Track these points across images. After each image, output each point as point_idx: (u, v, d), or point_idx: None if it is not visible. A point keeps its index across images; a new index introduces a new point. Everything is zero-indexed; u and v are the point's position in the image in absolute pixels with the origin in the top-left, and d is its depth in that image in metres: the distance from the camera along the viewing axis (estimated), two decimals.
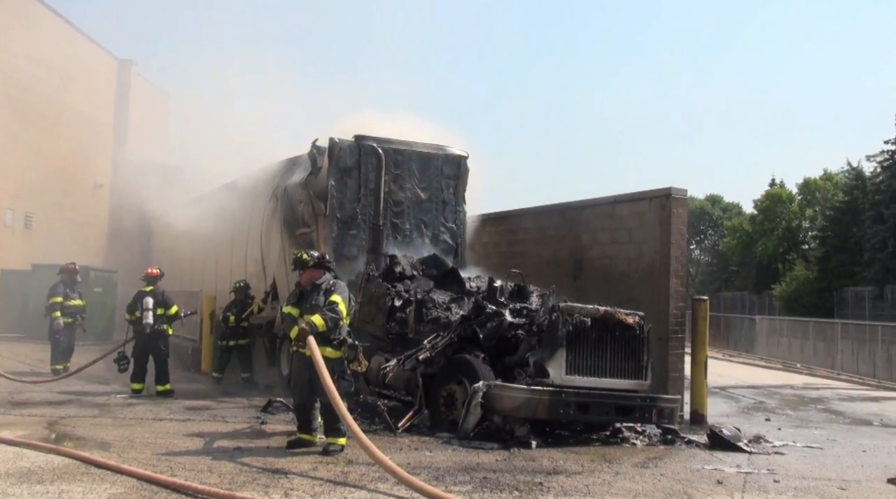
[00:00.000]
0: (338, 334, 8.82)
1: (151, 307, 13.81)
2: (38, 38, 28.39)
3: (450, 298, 12.33)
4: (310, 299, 8.99)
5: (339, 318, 8.76)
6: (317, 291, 9.01)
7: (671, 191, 13.29)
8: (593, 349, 10.25)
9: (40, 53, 28.50)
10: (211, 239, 20.33)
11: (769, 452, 10.04)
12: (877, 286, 39.67)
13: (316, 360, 8.36)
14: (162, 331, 13.97)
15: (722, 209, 70.61)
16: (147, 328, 13.70)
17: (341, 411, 8.09)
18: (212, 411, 11.67)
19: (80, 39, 32.15)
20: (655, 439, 10.62)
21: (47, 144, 28.51)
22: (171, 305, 14.25)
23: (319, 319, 8.65)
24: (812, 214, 53.82)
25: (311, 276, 9.15)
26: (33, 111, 28.16)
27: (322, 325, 8.64)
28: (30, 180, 27.76)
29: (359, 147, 14.25)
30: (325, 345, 8.69)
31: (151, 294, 13.98)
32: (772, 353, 33.15)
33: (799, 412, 15.22)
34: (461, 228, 15.43)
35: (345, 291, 9.08)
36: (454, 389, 10.32)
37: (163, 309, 13.98)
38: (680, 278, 13.26)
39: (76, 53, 31.40)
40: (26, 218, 28.17)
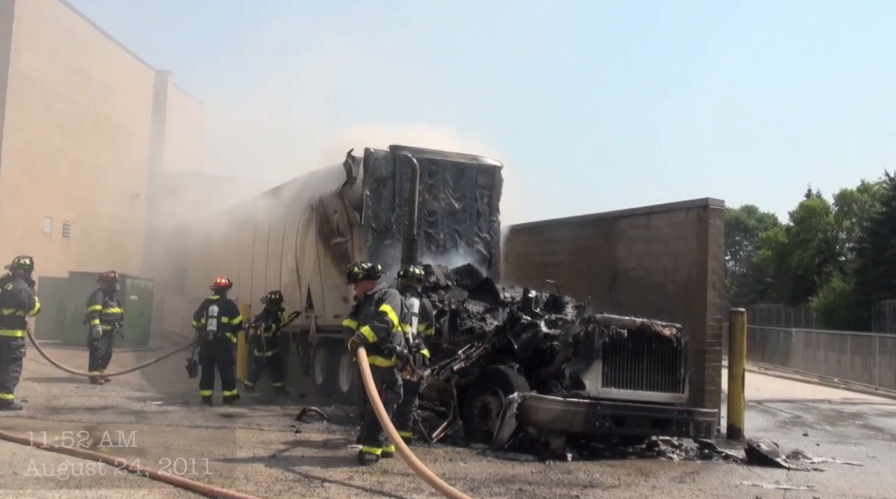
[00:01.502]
0: (388, 343, 8.86)
1: (216, 315, 14.08)
2: (79, 51, 28.87)
3: (484, 308, 12.29)
4: (364, 310, 9.08)
5: (388, 327, 8.81)
6: (369, 302, 9.12)
7: (708, 202, 13.16)
8: (630, 361, 10.16)
9: (79, 65, 28.96)
10: (246, 248, 20.49)
11: (808, 468, 9.86)
12: None
13: (361, 369, 8.45)
14: (226, 339, 14.19)
15: (757, 220, 69.83)
16: (210, 335, 13.97)
17: (383, 421, 8.11)
18: (247, 419, 11.71)
19: (119, 52, 32.70)
20: (692, 454, 10.49)
21: (85, 154, 28.93)
22: (236, 314, 14.52)
23: (368, 329, 8.74)
24: (849, 226, 53.03)
25: (363, 287, 9.33)
26: (72, 121, 28.61)
27: (371, 335, 8.72)
28: (68, 189, 28.18)
29: (394, 157, 14.26)
30: (376, 354, 8.78)
31: (217, 303, 14.26)
32: (808, 366, 32.62)
33: (837, 428, 14.96)
34: (495, 238, 15.39)
35: (395, 300, 9.12)
36: (489, 399, 10.29)
37: (227, 318, 14.22)
38: (717, 290, 13.12)
39: (115, 65, 31.93)
40: (64, 226, 28.58)
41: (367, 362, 8.51)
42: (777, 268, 57.38)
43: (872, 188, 52.11)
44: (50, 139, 27.16)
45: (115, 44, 32.19)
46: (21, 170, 25.56)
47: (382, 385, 8.61)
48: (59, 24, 28.05)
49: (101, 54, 30.65)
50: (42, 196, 26.80)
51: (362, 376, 8.41)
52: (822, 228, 53.23)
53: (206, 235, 26.44)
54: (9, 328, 11.93)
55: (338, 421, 11.62)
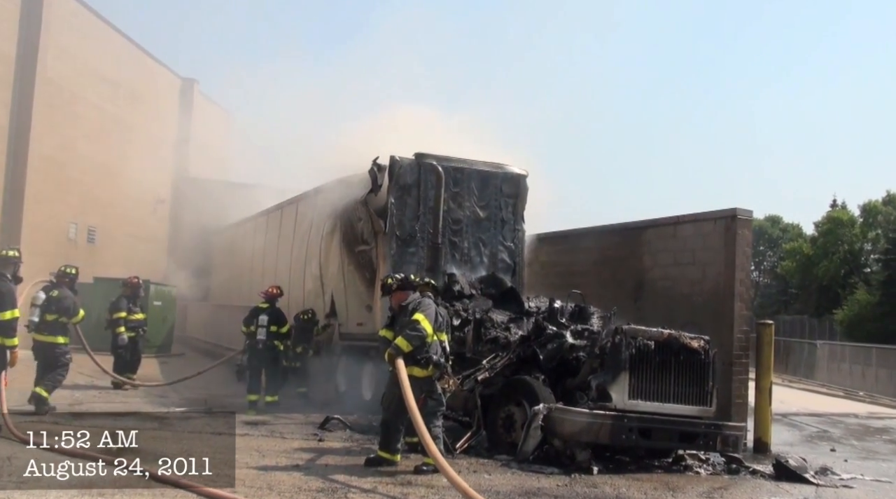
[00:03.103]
0: (424, 353, 8.80)
1: (266, 324, 14.22)
2: (105, 58, 29.06)
3: (508, 318, 12.18)
4: (399, 321, 9.08)
5: (422, 335, 8.78)
6: (404, 312, 9.09)
7: (736, 212, 12.98)
8: (657, 374, 9.99)
9: (105, 72, 29.15)
10: (270, 255, 20.52)
11: (837, 485, 9.66)
12: None
13: (400, 380, 8.43)
14: (274, 347, 14.33)
15: (781, 230, 69.20)
16: (259, 344, 14.15)
17: (420, 431, 8.09)
18: (269, 427, 11.65)
19: (146, 59, 32.87)
20: (719, 468, 10.29)
21: (111, 160, 29.08)
22: (285, 323, 14.62)
23: (402, 340, 8.72)
24: (874, 237, 52.47)
25: (398, 298, 9.32)
26: (99, 128, 28.77)
27: (405, 345, 8.70)
28: (93, 195, 28.34)
29: (419, 165, 14.20)
30: (413, 364, 8.73)
31: (267, 312, 14.38)
32: (832, 379, 32.22)
33: (864, 443, 14.69)
34: (519, 247, 15.26)
35: (429, 309, 9.06)
36: (513, 410, 10.18)
37: (276, 327, 14.34)
38: (744, 302, 12.93)
39: (141, 72, 32.10)
40: (89, 232, 28.72)
41: (405, 373, 8.47)
42: (801, 279, 56.86)
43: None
44: (76, 146, 27.32)
45: (141, 51, 32.37)
46: (47, 176, 25.71)
47: (421, 395, 8.55)
48: (87, 31, 28.24)
49: (128, 61, 30.82)
50: (68, 202, 26.94)
51: (401, 386, 8.37)
52: (847, 240, 52.71)
53: (229, 242, 26.53)
54: (51, 334, 12.09)
55: (361, 429, 11.54)
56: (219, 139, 38.34)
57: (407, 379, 8.39)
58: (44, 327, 12.09)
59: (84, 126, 27.71)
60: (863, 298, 45.24)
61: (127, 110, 30.53)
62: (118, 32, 30.46)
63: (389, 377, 8.95)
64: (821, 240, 54.84)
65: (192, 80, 36.56)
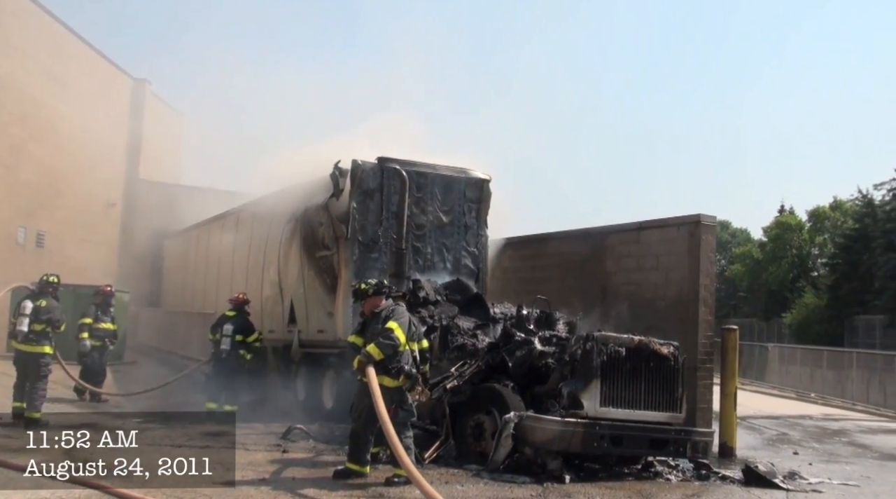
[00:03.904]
0: (396, 363, 8.54)
1: (230, 334, 13.89)
2: (53, 56, 28.29)
3: (475, 324, 12.00)
4: (371, 328, 8.79)
5: (395, 344, 8.52)
6: (376, 319, 8.81)
7: (700, 218, 12.97)
8: (628, 380, 9.90)
9: (55, 71, 28.38)
10: (226, 260, 20.07)
11: (806, 489, 9.67)
12: (888, 315, 39.26)
13: (371, 389, 8.17)
14: (238, 356, 13.97)
15: (730, 234, 70.23)
16: (223, 353, 13.83)
17: (392, 442, 7.88)
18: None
19: (97, 59, 32.07)
20: (689, 474, 10.24)
21: (60, 162, 28.32)
22: (252, 332, 14.26)
23: (374, 348, 8.46)
24: (822, 242, 53.47)
25: (371, 304, 9.00)
26: (47, 128, 27.97)
27: (377, 354, 8.43)
28: (42, 198, 27.54)
29: (381, 169, 13.96)
30: (384, 374, 8.47)
31: (233, 320, 14.05)
32: (783, 381, 32.65)
33: (825, 445, 14.81)
34: (483, 252, 15.11)
35: (403, 318, 8.82)
36: (482, 419, 9.99)
37: (241, 336, 13.99)
38: (709, 307, 12.92)
39: (92, 71, 31.29)
40: (38, 236, 27.91)
41: (376, 382, 8.22)
42: (750, 283, 57.71)
43: (844, 205, 52.62)
44: (25, 147, 26.51)
45: (93, 50, 31.58)
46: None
47: (391, 405, 8.29)
48: (37, 28, 27.45)
49: (78, 61, 30.03)
50: (16, 205, 26.10)
51: (372, 396, 8.12)
52: (795, 244, 53.63)
53: (183, 247, 25.97)
54: (39, 345, 11.98)
55: (324, 439, 11.29)
56: (172, 141, 37.63)
57: (378, 388, 8.14)
58: (32, 337, 11.97)
59: (33, 127, 26.90)
60: (811, 302, 46.06)
61: (77, 111, 29.74)
62: (69, 31, 29.68)
63: (358, 387, 8.69)
64: (770, 245, 55.74)
65: (144, 81, 35.77)
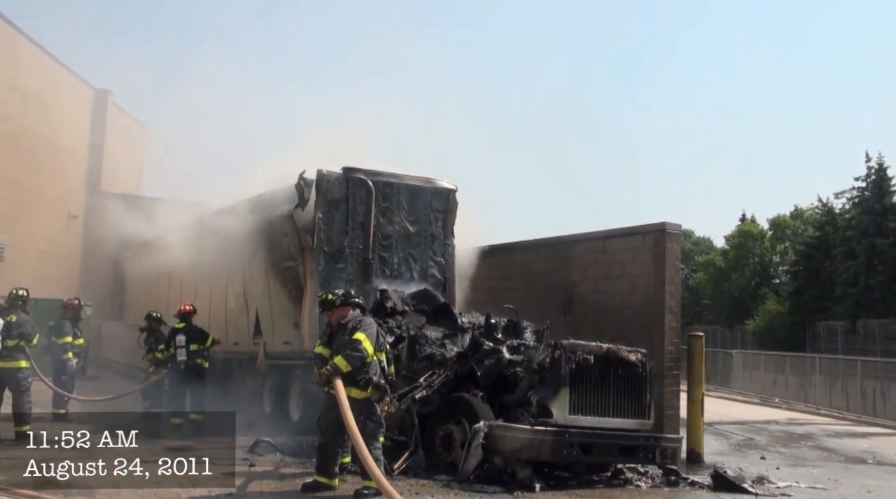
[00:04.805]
0: (364, 374, 8.43)
1: (184, 344, 13.68)
2: (14, 66, 27.87)
3: (443, 334, 11.93)
4: (338, 339, 8.65)
5: (363, 356, 8.40)
6: (343, 330, 8.67)
7: (665, 226, 13.12)
8: (596, 388, 9.89)
9: (15, 81, 27.95)
10: (189, 273, 19.78)
11: (775, 494, 9.73)
12: (849, 321, 39.84)
13: (340, 401, 8.05)
14: (197, 366, 13.78)
15: (693, 243, 70.92)
16: (181, 365, 13.59)
17: (362, 453, 7.79)
18: (196, 453, 11.04)
19: (57, 68, 31.67)
20: (658, 481, 10.24)
21: (21, 173, 27.86)
22: (206, 338, 14.06)
23: (342, 360, 8.33)
24: (783, 249, 54.16)
25: (338, 314, 8.85)
26: (6, 139, 27.56)
27: (345, 365, 8.31)
28: (3, 211, 27.06)
29: (347, 179, 13.87)
30: (352, 385, 8.34)
31: (183, 331, 13.83)
32: (747, 387, 33.00)
33: (791, 450, 14.94)
34: (450, 262, 15.06)
35: (371, 328, 8.71)
36: (452, 429, 9.91)
37: (196, 344, 13.79)
38: (674, 314, 13.04)
39: (52, 82, 30.88)
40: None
41: (344, 394, 8.10)
42: (713, 290, 58.25)
43: (805, 213, 53.36)
44: None
45: (53, 60, 31.16)
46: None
47: (360, 417, 8.18)
48: None
49: (38, 71, 29.61)
50: None
51: (341, 408, 8.00)
52: (757, 252, 54.25)
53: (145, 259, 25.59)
54: (14, 360, 11.97)
55: (291, 452, 11.14)
56: (135, 152, 37.17)
57: (346, 400, 8.03)
58: (6, 354, 11.95)
59: None
60: (773, 309, 46.58)
61: (37, 122, 29.30)
62: (29, 40, 29.25)
63: (325, 399, 8.57)
64: (732, 253, 56.32)
65: (105, 92, 35.35)
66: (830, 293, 42.89)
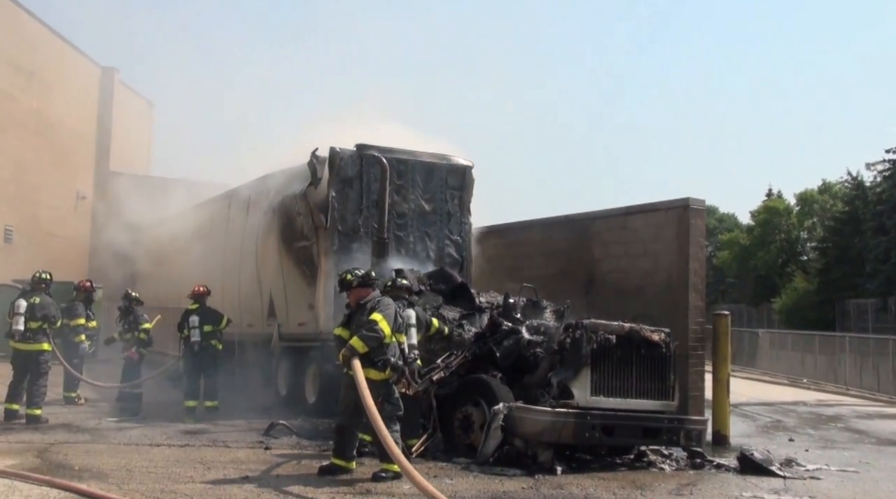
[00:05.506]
0: (382, 355, 8.49)
1: (198, 325, 13.79)
2: (18, 44, 27.96)
3: (460, 314, 11.98)
4: (357, 319, 8.70)
5: (379, 336, 8.44)
6: (362, 311, 8.71)
7: (689, 201, 13.01)
8: (618, 369, 9.91)
9: (20, 60, 28.04)
10: (201, 255, 19.88)
11: (804, 476, 9.69)
12: (880, 298, 39.63)
13: (357, 382, 8.10)
14: (212, 347, 13.96)
15: (717, 220, 70.56)
16: (195, 346, 13.70)
17: (382, 435, 7.83)
18: (211, 436, 11.23)
19: (63, 46, 31.70)
20: (683, 463, 10.26)
21: (28, 155, 28.01)
22: (220, 319, 14.21)
23: (357, 340, 8.38)
24: (810, 225, 53.84)
25: (357, 295, 8.91)
26: (12, 120, 27.68)
27: (361, 346, 8.35)
28: (10, 193, 27.26)
29: (361, 156, 13.89)
30: (370, 367, 8.39)
31: (197, 312, 13.94)
32: (774, 367, 32.86)
33: (820, 431, 14.91)
34: (466, 240, 15.08)
35: (388, 309, 8.74)
36: (471, 411, 9.96)
37: (210, 325, 13.91)
38: (699, 293, 12.96)
39: (57, 60, 30.95)
40: (6, 231, 27.64)
41: (362, 375, 8.15)
42: (738, 269, 58.02)
43: (834, 188, 52.97)
44: None
45: (58, 38, 31.20)
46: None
47: (378, 398, 8.24)
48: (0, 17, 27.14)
49: (43, 49, 29.69)
50: None
51: (359, 389, 8.05)
52: (783, 229, 53.96)
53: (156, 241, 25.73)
54: (37, 342, 12.33)
55: (307, 435, 11.23)
56: (143, 131, 37.29)
57: (364, 381, 8.08)
58: (29, 336, 12.29)
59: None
60: (801, 287, 46.38)
61: (43, 101, 29.42)
62: (32, 17, 29.30)
63: (344, 380, 8.63)
64: (757, 230, 56.03)
65: (112, 69, 35.40)
66: (861, 270, 42.63)
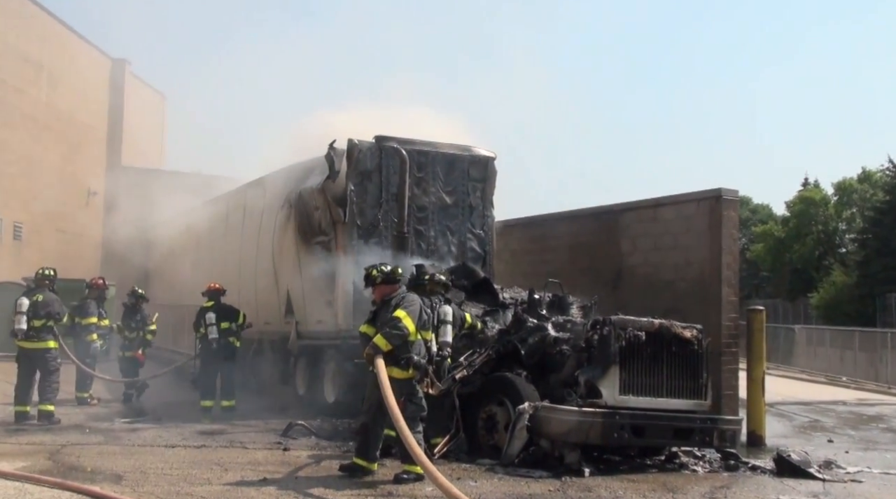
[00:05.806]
0: (406, 353, 8.53)
1: (215, 322, 14.06)
2: (26, 36, 28.19)
3: (483, 310, 11.99)
4: (381, 316, 8.77)
5: (403, 334, 8.49)
6: (386, 308, 8.78)
7: (721, 192, 12.95)
8: (648, 366, 9.87)
9: (27, 52, 28.28)
10: (216, 250, 20.01)
11: (844, 479, 9.62)
12: None
13: (380, 381, 8.17)
14: (230, 344, 14.23)
15: (751, 211, 69.98)
16: (213, 343, 13.95)
17: (404, 435, 7.86)
18: (228, 436, 11.31)
19: (72, 38, 31.94)
20: (716, 465, 10.22)
21: (37, 150, 28.26)
22: (237, 315, 14.48)
23: (381, 338, 8.44)
24: (849, 216, 53.30)
25: (382, 291, 9.00)
26: (20, 114, 27.93)
27: (384, 344, 8.42)
28: (19, 188, 27.51)
29: (380, 148, 13.90)
30: (393, 365, 8.46)
31: (213, 309, 14.22)
32: (811, 364, 32.64)
33: (861, 432, 14.80)
34: (489, 234, 15.05)
35: (413, 305, 8.79)
36: (495, 410, 9.98)
37: (227, 322, 14.19)
38: (732, 287, 12.89)
39: (67, 52, 31.21)
40: (15, 228, 27.91)
41: (385, 373, 8.20)
42: (773, 262, 57.56)
43: (874, 176, 52.39)
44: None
45: (67, 29, 31.45)
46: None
47: (401, 398, 8.28)
48: (5, 6, 27.37)
49: (52, 41, 29.94)
50: None
51: (381, 388, 8.11)
52: (820, 220, 53.46)
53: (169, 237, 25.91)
54: (42, 340, 12.47)
55: (327, 436, 11.28)
56: (155, 125, 37.51)
57: (387, 380, 8.12)
58: (33, 334, 12.42)
59: (5, 112, 26.85)
60: (839, 280, 45.89)
61: (52, 94, 29.66)
62: (40, 8, 29.53)
63: (370, 378, 8.67)
64: (793, 221, 55.53)
65: (123, 61, 35.64)
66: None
